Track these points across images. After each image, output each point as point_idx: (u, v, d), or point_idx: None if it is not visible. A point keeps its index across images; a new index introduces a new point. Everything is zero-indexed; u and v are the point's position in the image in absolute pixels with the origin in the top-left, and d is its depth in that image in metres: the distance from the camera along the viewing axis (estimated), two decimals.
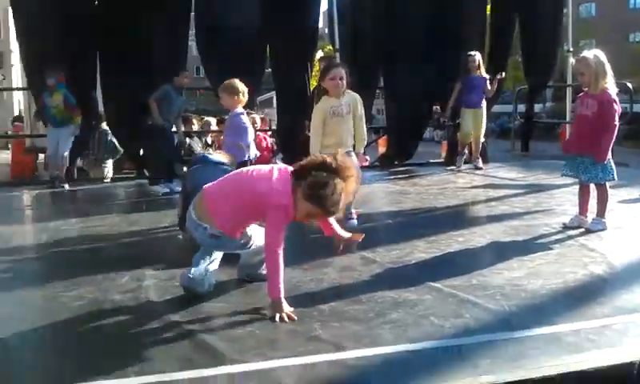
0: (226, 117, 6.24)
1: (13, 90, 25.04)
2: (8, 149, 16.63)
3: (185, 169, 10.83)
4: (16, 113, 24.89)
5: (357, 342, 2.81)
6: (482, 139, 9.22)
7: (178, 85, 7.96)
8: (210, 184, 3.52)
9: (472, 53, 8.90)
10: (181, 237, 4.77)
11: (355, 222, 5.29)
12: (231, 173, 3.78)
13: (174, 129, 8.21)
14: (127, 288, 3.68)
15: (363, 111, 5.42)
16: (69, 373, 2.53)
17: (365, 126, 5.45)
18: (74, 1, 8.49)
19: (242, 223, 3.43)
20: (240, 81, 5.82)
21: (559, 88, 21.61)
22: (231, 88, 5.69)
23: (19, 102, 24.77)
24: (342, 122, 5.23)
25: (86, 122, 8.61)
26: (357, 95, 5.35)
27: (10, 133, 17.19)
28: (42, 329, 3.11)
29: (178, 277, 3.57)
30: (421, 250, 4.49)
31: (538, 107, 19.08)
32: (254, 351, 2.73)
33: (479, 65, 8.89)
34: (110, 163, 10.11)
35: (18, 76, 24.63)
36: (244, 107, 5.95)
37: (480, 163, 9.12)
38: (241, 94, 5.68)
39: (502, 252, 4.44)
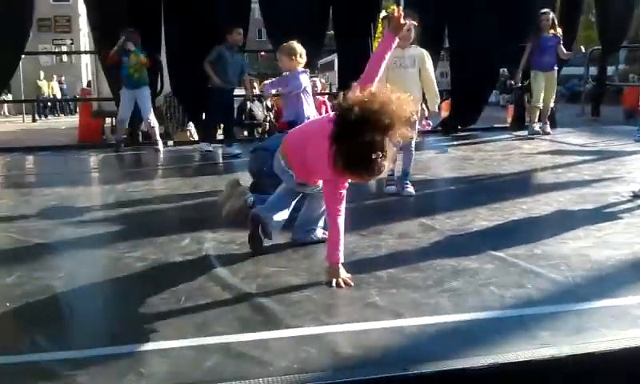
0: None
1: (81, 53, 25.74)
2: (76, 112, 17.13)
3: (245, 133, 11.02)
4: (84, 77, 25.55)
5: (415, 310, 2.78)
6: (552, 104, 8.85)
7: (232, 42, 7.87)
8: (292, 132, 3.61)
9: (545, 10, 8.44)
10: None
11: (411, 190, 5.21)
12: (309, 122, 3.80)
13: (238, 91, 8.22)
14: (188, 250, 3.74)
15: (432, 68, 5.21)
16: (129, 333, 2.59)
17: (435, 82, 5.22)
18: None
19: (314, 176, 3.38)
20: (301, 43, 5.77)
21: (633, 49, 20.67)
22: (289, 49, 5.66)
23: (87, 66, 25.37)
24: (406, 75, 5.01)
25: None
26: (424, 50, 5.14)
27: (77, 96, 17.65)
28: (104, 289, 3.21)
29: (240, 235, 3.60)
30: (482, 218, 4.39)
31: (610, 70, 18.26)
32: (311, 316, 2.73)
33: (553, 23, 8.40)
34: (192, 125, 10.21)
35: (85, 40, 25.28)
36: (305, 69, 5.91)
37: (548, 128, 8.80)
38: (298, 55, 5.64)
39: (567, 221, 4.30)
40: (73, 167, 7.61)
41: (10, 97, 22.04)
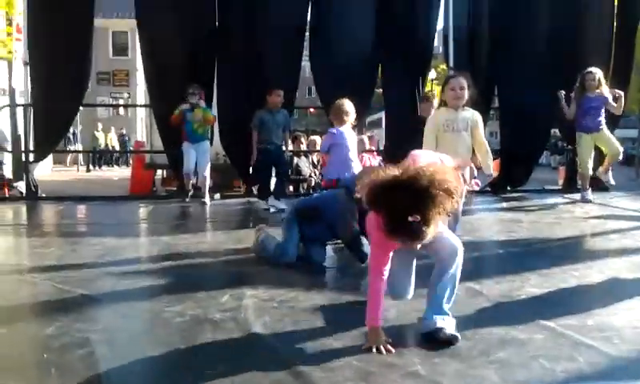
0: None
1: (136, 106, 26.57)
2: (129, 164, 17.56)
3: (291, 188, 11.08)
4: (139, 130, 26.29)
5: (459, 381, 2.65)
6: (620, 149, 8.14)
7: (272, 105, 8.08)
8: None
9: (591, 69, 8.06)
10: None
11: None
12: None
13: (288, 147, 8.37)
14: (227, 307, 3.69)
15: (483, 128, 5.06)
16: None
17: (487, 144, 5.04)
18: (195, 23, 8.88)
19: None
20: (350, 100, 5.80)
21: None
22: (337, 108, 5.73)
23: (142, 119, 26.12)
24: (458, 139, 4.84)
25: None
26: (477, 113, 4.98)
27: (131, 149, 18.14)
28: (141, 344, 3.17)
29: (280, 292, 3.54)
30: (532, 284, 4.22)
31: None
32: (350, 383, 2.63)
33: (599, 83, 7.97)
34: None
35: (142, 94, 26.12)
36: (353, 128, 5.94)
37: (611, 178, 8.28)
38: (345, 114, 5.69)
39: (621, 290, 4.10)
40: (122, 218, 7.73)
41: (79, 146, 22.82)
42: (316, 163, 10.93)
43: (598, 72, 8.03)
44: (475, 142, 4.94)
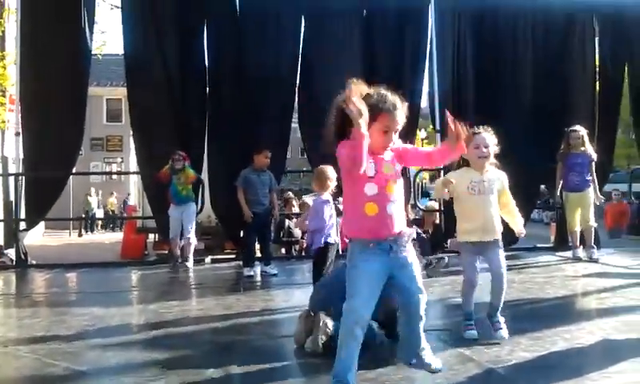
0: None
1: (124, 173, 26.72)
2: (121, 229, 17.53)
3: (283, 250, 11.06)
4: (132, 194, 26.32)
5: None
6: (593, 224, 8.30)
7: (258, 165, 8.03)
8: None
9: (575, 127, 8.17)
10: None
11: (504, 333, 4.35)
12: None
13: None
14: (212, 380, 3.63)
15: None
16: None
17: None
18: (185, 90, 9.04)
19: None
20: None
21: None
22: (319, 174, 5.81)
23: (135, 183, 26.21)
24: (486, 202, 4.35)
25: None
26: (504, 173, 4.50)
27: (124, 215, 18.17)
28: None
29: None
30: (523, 348, 4.17)
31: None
32: None
33: (583, 141, 8.07)
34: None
35: (134, 159, 26.30)
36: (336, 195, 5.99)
37: (595, 254, 8.13)
38: (329, 181, 5.75)
39: (613, 352, 4.07)
40: (111, 285, 7.65)
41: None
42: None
43: (582, 130, 8.15)
44: (503, 205, 4.52)
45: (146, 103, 9.01)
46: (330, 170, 5.82)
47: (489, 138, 4.41)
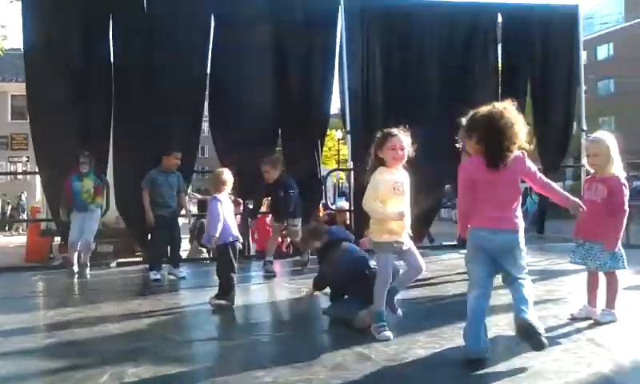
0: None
1: (23, 173, 25.71)
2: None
3: (205, 253, 10.88)
4: (38, 195, 25.38)
5: None
6: None
7: (166, 167, 7.89)
8: None
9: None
10: None
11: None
12: None
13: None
14: None
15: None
16: None
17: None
18: (88, 87, 8.73)
19: None
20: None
21: (578, 167, 21.41)
22: (213, 178, 5.84)
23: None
24: (407, 201, 4.63)
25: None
26: (406, 173, 4.71)
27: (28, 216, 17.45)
28: None
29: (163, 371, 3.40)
30: (420, 345, 4.26)
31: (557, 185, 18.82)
32: None
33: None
34: None
35: None
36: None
37: None
38: (223, 184, 5.78)
39: (505, 348, 4.22)
40: (10, 291, 7.28)
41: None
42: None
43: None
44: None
45: (46, 98, 8.61)
46: (226, 173, 5.84)
47: (405, 139, 4.57)
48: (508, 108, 3.96)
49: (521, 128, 3.93)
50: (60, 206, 8.21)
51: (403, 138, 4.58)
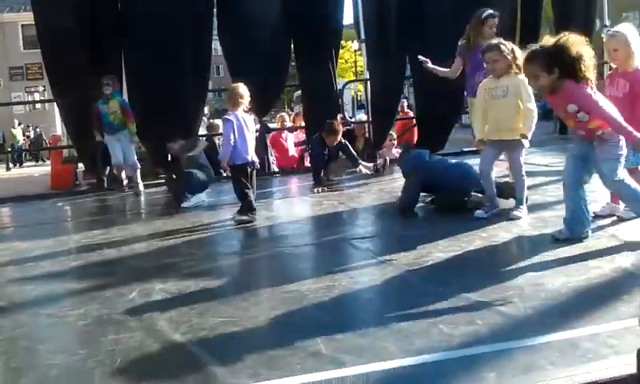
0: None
1: (43, 101, 25.72)
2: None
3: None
4: (58, 124, 25.50)
5: (359, 357, 2.66)
6: None
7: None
8: None
9: (491, 12, 6.12)
10: None
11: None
12: None
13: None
14: (133, 304, 3.61)
15: (530, 93, 5.01)
16: None
17: (531, 107, 5.03)
18: (95, 8, 8.57)
19: None
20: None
21: (601, 64, 20.88)
22: (229, 92, 5.76)
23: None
24: (497, 106, 5.11)
25: None
26: (522, 77, 4.87)
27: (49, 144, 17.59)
28: (38, 354, 3.04)
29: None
30: (440, 249, 4.30)
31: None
32: (250, 370, 2.61)
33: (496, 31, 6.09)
34: None
35: None
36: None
37: None
38: (239, 98, 5.69)
39: (526, 247, 4.25)
40: (36, 218, 7.43)
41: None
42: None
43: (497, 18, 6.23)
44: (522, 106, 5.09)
45: (54, 24, 8.49)
46: (242, 87, 5.75)
47: (493, 53, 5.11)
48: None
49: None
50: (93, 129, 8.34)
51: (492, 53, 5.13)
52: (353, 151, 8.10)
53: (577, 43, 3.93)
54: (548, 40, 4.05)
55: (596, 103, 3.97)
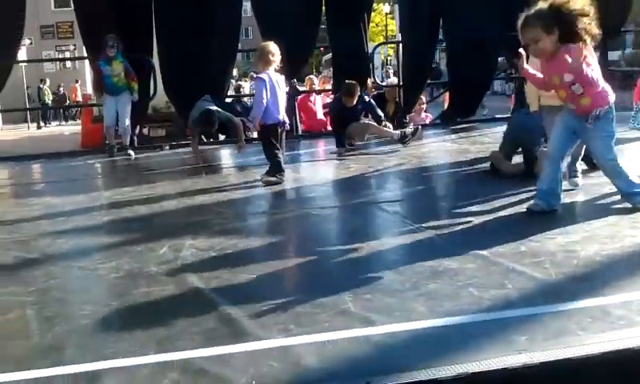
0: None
1: (75, 59, 25.84)
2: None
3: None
4: (88, 82, 25.59)
5: (387, 317, 2.66)
6: None
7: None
8: None
9: None
10: None
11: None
12: None
13: None
14: (164, 259, 3.65)
15: None
16: (87, 350, 2.51)
17: None
18: None
19: None
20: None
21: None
22: (260, 50, 5.69)
23: (90, 71, 25.41)
24: None
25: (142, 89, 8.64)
26: None
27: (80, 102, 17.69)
28: (70, 304, 3.10)
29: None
30: (472, 214, 4.26)
31: (616, 54, 17.96)
32: (280, 326, 2.62)
33: None
34: None
35: None
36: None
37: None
38: (270, 55, 5.61)
39: (559, 215, 4.17)
40: (64, 175, 7.53)
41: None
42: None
43: None
44: None
45: None
46: (272, 45, 5.68)
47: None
48: None
49: None
50: (94, 89, 8.34)
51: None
52: (379, 111, 7.93)
53: (576, 0, 3.75)
54: (543, 5, 3.88)
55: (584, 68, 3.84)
